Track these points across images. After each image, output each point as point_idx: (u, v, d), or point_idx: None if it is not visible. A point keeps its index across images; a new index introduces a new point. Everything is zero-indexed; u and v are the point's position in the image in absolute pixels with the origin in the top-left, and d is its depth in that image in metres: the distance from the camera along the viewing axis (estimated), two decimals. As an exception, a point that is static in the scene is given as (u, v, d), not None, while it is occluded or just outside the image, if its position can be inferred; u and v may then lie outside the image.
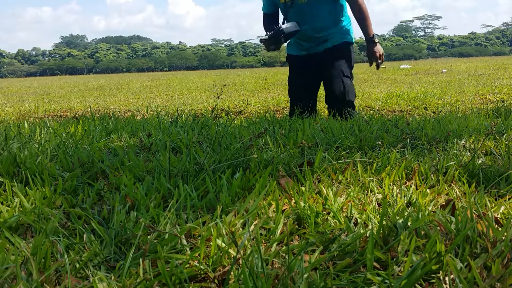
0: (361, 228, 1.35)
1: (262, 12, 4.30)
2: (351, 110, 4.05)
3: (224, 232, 1.28)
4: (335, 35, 4.13)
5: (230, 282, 1.08)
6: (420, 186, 1.79)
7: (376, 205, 1.59)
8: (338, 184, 1.82)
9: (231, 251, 1.20)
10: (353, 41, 4.29)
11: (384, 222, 1.30)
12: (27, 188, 1.75)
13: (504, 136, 2.65)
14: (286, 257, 1.13)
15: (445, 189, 1.73)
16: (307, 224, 1.43)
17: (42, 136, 3.02)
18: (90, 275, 1.13)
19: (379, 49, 4.00)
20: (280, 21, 4.15)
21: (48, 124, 3.72)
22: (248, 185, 1.79)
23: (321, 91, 4.27)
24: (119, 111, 6.40)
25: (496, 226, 1.34)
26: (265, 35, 3.92)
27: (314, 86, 4.30)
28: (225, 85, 7.32)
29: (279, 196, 1.62)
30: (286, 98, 7.26)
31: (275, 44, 3.95)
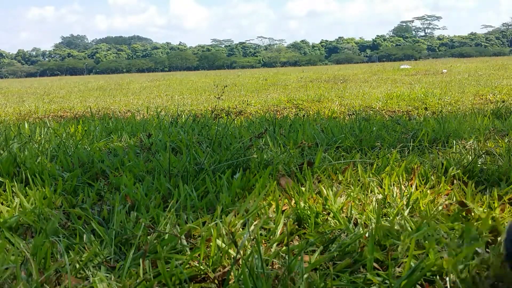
0: (361, 229, 1.35)
1: None
2: None
3: (224, 233, 1.28)
4: None
5: (230, 282, 1.08)
6: (420, 186, 1.79)
7: (376, 205, 1.58)
8: (338, 185, 1.82)
9: (231, 251, 1.20)
10: None
11: (384, 223, 1.30)
12: (27, 188, 1.75)
13: (506, 137, 2.65)
14: (286, 257, 1.13)
15: (446, 189, 1.73)
16: (307, 224, 1.43)
17: (42, 136, 3.02)
18: (90, 275, 1.13)
19: None
20: None
21: (48, 125, 3.72)
22: (248, 185, 1.78)
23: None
24: (119, 112, 6.39)
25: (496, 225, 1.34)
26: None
27: None
28: (226, 86, 7.30)
29: (279, 196, 1.62)
30: (285, 98, 7.26)
31: None
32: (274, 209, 1.50)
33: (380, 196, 1.67)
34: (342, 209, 1.54)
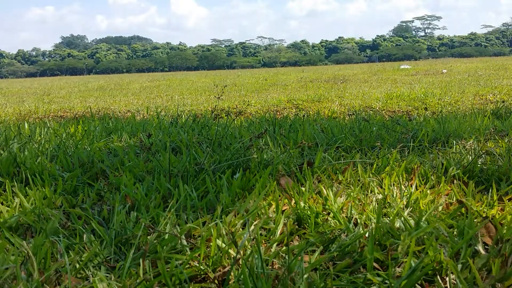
0: (361, 229, 1.35)
1: None
2: None
3: (224, 233, 1.28)
4: None
5: (230, 282, 1.08)
6: (420, 186, 1.79)
7: (376, 205, 1.58)
8: (338, 185, 1.82)
9: (231, 251, 1.20)
10: None
11: (386, 222, 1.30)
12: (27, 188, 1.75)
13: (506, 137, 2.65)
14: (286, 257, 1.13)
15: (446, 189, 1.73)
16: (307, 224, 1.43)
17: (42, 136, 3.02)
18: (90, 275, 1.13)
19: None
20: None
21: (48, 125, 3.72)
22: (248, 185, 1.79)
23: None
24: (119, 112, 6.40)
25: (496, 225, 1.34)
26: None
27: None
28: (226, 86, 7.31)
29: (279, 196, 1.62)
30: (285, 98, 7.26)
31: None
32: (274, 209, 1.50)
33: (380, 196, 1.67)
34: (342, 209, 1.54)
